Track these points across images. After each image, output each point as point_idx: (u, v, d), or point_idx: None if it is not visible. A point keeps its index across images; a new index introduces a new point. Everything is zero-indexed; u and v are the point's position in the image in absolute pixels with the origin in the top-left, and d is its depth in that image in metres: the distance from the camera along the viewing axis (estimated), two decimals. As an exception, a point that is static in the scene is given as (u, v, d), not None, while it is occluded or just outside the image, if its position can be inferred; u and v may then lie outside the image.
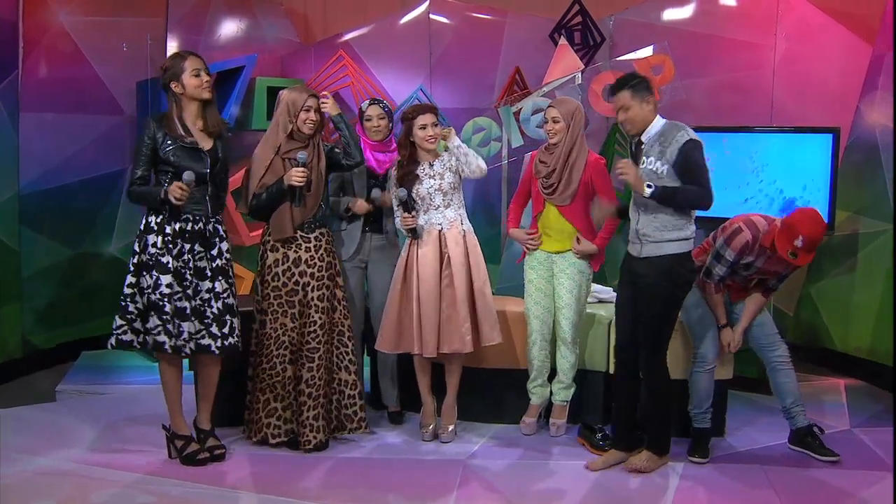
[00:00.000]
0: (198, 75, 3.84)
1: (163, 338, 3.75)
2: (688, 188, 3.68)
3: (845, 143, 5.53)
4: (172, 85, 3.84)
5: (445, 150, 4.28)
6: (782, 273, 4.13)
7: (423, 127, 4.21)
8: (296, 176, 3.96)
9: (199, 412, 4.08)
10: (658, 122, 3.81)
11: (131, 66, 5.85)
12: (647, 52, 5.54)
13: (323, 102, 4.11)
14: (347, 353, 4.16)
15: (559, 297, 4.32)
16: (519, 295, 4.92)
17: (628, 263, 3.91)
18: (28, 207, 5.45)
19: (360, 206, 4.32)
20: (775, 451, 4.18)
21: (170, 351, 3.78)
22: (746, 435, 4.39)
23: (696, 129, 5.19)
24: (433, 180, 4.21)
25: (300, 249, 4.06)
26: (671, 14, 6.04)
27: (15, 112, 5.34)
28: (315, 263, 4.06)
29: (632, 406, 3.94)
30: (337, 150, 4.16)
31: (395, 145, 4.45)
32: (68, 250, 5.77)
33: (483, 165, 4.21)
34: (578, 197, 4.25)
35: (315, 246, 4.08)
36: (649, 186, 3.65)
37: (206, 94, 3.87)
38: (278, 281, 4.05)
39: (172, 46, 5.93)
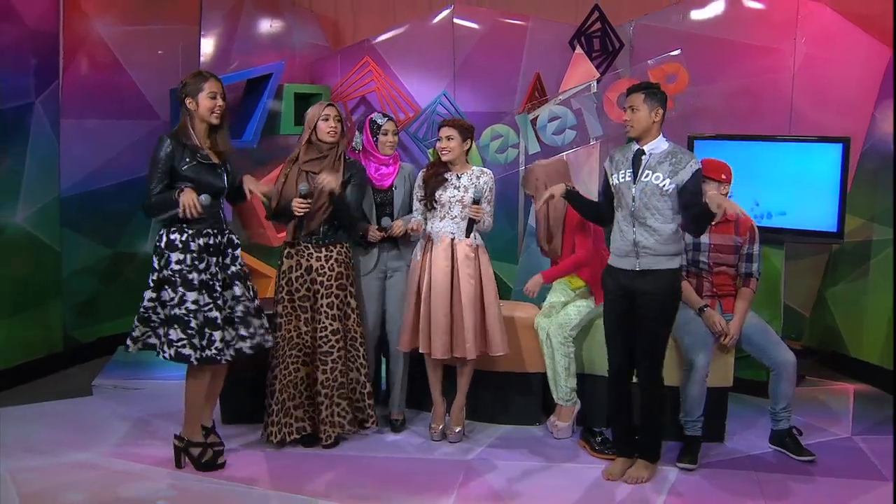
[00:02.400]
0: (213, 98, 3.97)
1: (188, 351, 3.87)
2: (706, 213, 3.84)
3: (861, 151, 5.58)
4: (187, 101, 3.98)
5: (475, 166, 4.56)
6: (734, 245, 4.35)
7: (439, 139, 4.42)
8: (297, 207, 4.15)
9: (204, 410, 4.25)
10: (664, 142, 3.93)
11: (165, 73, 6.09)
12: (666, 57, 5.60)
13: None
14: (359, 357, 4.38)
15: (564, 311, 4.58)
16: (534, 298, 5.10)
17: (620, 278, 3.96)
18: (69, 209, 5.77)
19: (374, 234, 4.47)
20: (772, 457, 4.31)
21: (196, 363, 3.91)
22: (746, 439, 4.51)
23: (713, 138, 5.40)
24: (457, 191, 4.39)
25: (312, 258, 4.28)
26: (691, 19, 6.10)
27: (56, 119, 5.64)
28: (325, 273, 4.27)
29: (629, 414, 4.09)
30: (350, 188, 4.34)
31: (397, 160, 4.64)
32: (106, 250, 6.09)
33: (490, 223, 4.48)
34: (566, 249, 4.57)
35: (326, 256, 4.29)
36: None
37: (215, 120, 3.99)
38: (292, 286, 4.28)
39: (206, 53, 6.18)
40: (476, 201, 4.29)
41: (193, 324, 3.89)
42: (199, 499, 3.76)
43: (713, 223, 4.32)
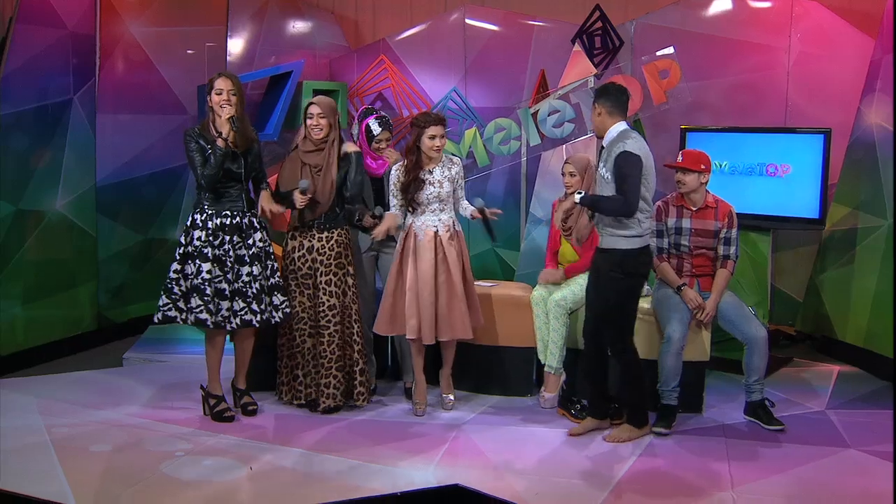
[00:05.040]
0: (219, 94, 4.46)
1: (204, 315, 4.43)
2: (610, 197, 4.17)
3: (848, 143, 5.83)
4: (208, 98, 4.51)
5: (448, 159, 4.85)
6: (714, 230, 4.63)
7: (433, 137, 4.67)
8: (298, 201, 4.56)
9: (237, 375, 4.79)
10: (613, 132, 4.27)
11: (193, 71, 6.50)
12: (667, 51, 5.84)
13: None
14: (353, 334, 4.75)
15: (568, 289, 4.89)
16: (535, 281, 5.41)
17: (595, 255, 4.40)
18: (104, 198, 6.24)
19: (368, 220, 4.81)
20: (744, 426, 4.59)
21: (211, 326, 4.46)
22: (722, 411, 4.80)
23: (701, 130, 5.69)
24: (433, 187, 4.71)
25: (314, 240, 4.69)
26: (690, 18, 6.38)
27: (92, 114, 6.12)
28: (325, 252, 4.67)
29: (600, 379, 4.43)
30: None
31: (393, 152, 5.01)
32: (139, 236, 6.54)
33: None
34: (592, 235, 4.85)
35: (327, 237, 4.69)
36: (579, 193, 4.27)
37: (223, 113, 4.44)
38: (294, 265, 4.69)
39: (232, 53, 6.59)
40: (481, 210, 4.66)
41: (208, 291, 4.40)
42: (211, 451, 4.17)
43: (694, 209, 4.65)
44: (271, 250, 4.67)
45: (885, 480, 3.77)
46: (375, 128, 4.94)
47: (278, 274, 4.66)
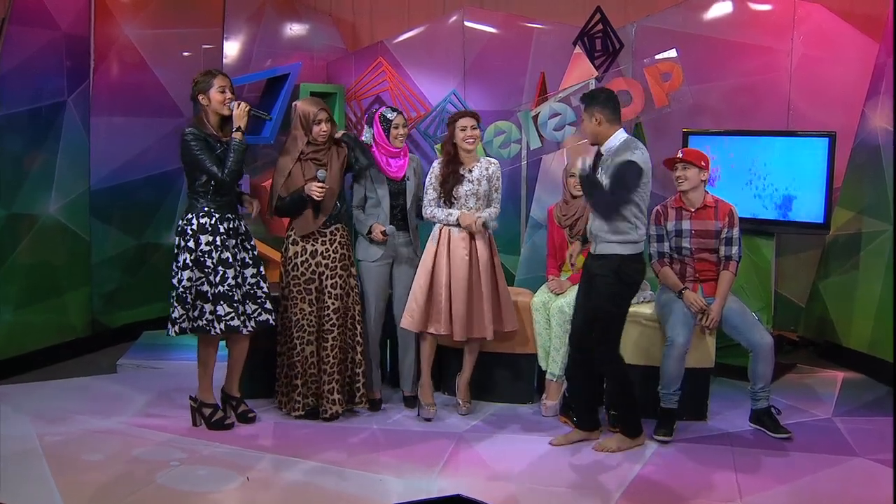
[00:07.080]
0: (223, 92, 4.38)
1: (236, 322, 4.34)
2: (604, 191, 4.08)
3: (851, 146, 5.77)
4: (200, 97, 4.40)
5: (484, 157, 4.85)
6: (714, 230, 4.56)
7: (463, 129, 4.68)
8: (315, 191, 4.47)
9: (231, 382, 4.68)
10: (614, 140, 4.18)
11: (189, 74, 6.36)
12: (670, 53, 5.77)
13: (338, 133, 4.65)
14: (356, 336, 4.69)
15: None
16: (535, 286, 5.36)
17: (587, 261, 4.31)
18: (98, 201, 6.15)
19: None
20: (750, 434, 4.52)
21: (243, 332, 4.39)
22: (727, 419, 4.72)
23: (707, 133, 5.61)
24: (471, 184, 4.69)
25: (317, 243, 4.62)
26: (691, 20, 6.32)
27: (86, 117, 6.03)
28: (330, 255, 4.61)
29: (588, 390, 4.35)
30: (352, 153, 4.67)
31: (406, 152, 4.92)
32: (133, 240, 6.46)
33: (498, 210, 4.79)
34: None
35: (330, 240, 4.63)
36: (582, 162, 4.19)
37: (227, 111, 4.40)
38: (297, 270, 4.60)
39: (228, 55, 6.53)
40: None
41: (237, 297, 4.35)
42: (208, 461, 4.08)
43: (693, 210, 4.58)
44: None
45: (895, 490, 3.71)
46: (389, 114, 4.84)
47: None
